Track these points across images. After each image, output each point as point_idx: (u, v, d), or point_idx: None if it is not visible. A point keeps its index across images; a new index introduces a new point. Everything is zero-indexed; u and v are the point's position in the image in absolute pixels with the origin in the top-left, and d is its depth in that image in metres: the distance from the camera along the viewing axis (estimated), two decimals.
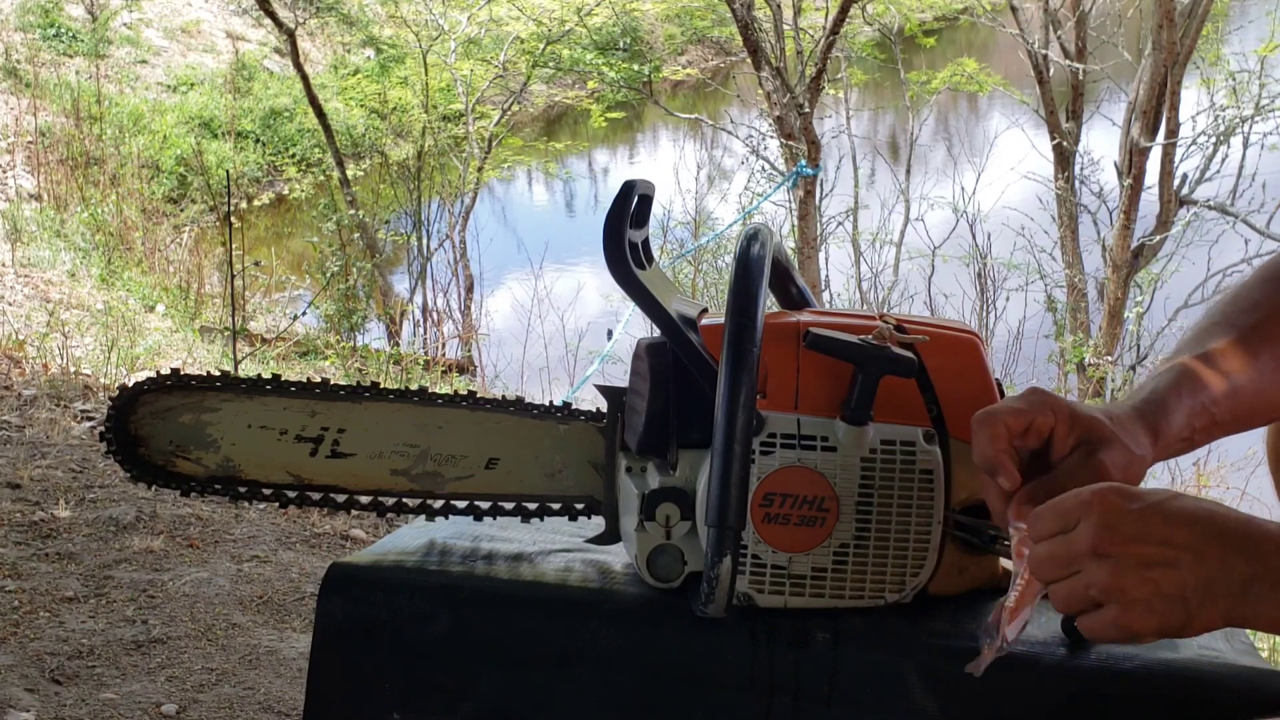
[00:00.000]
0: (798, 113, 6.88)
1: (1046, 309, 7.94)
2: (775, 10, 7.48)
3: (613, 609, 1.02)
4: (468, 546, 1.13)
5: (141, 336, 5.49)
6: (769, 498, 0.98)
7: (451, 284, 9.05)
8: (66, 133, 9.62)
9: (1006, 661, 0.94)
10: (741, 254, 0.97)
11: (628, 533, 1.06)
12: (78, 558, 2.90)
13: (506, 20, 11.05)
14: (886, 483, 0.98)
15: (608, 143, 13.52)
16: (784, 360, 0.99)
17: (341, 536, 3.24)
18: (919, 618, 1.00)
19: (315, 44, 13.78)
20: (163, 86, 12.41)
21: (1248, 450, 5.24)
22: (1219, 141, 7.37)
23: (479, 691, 1.02)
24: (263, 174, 11.73)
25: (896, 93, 10.33)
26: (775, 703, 0.98)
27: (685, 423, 1.02)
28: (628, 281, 1.02)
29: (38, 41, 11.52)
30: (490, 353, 8.17)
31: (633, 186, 1.04)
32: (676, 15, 14.04)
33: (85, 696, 2.32)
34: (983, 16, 9.61)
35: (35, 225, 7.54)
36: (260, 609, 2.75)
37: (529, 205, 12.55)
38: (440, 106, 10.67)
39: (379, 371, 6.38)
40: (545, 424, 1.14)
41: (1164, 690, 0.93)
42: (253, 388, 1.12)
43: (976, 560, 1.03)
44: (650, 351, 1.05)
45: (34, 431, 3.71)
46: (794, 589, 0.99)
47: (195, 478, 1.13)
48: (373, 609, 1.04)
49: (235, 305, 5.76)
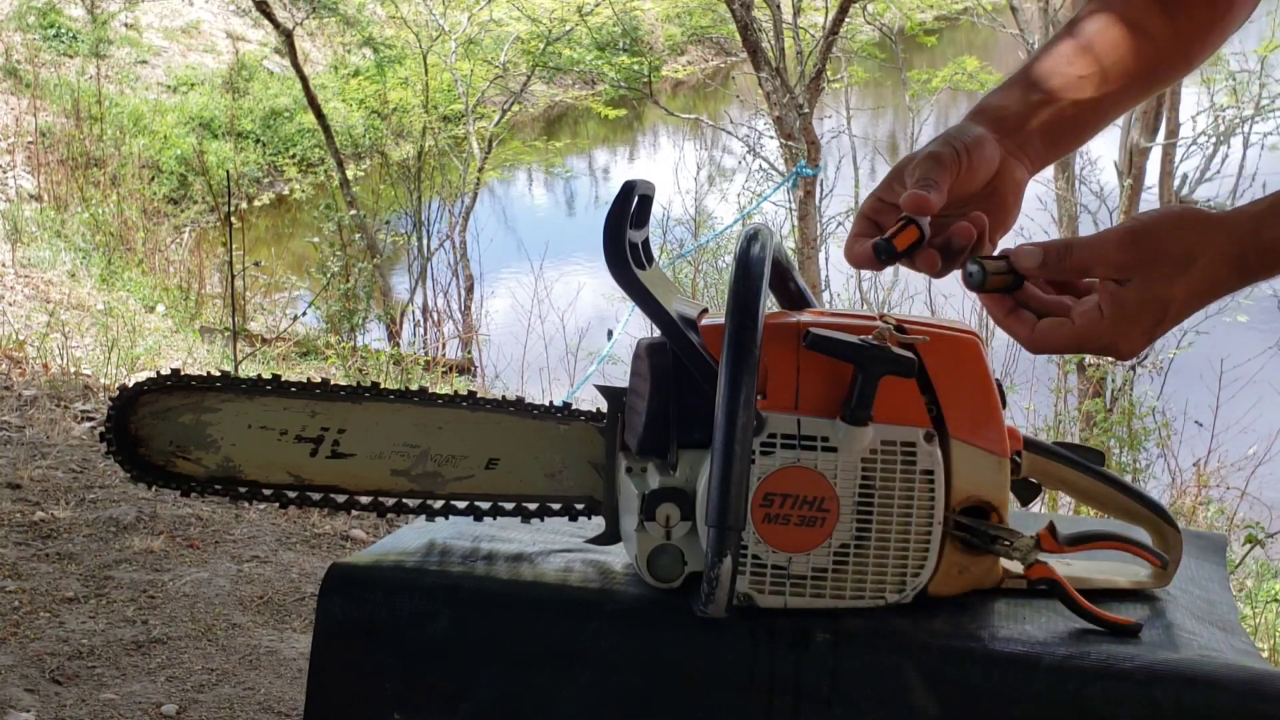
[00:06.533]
0: (797, 113, 6.88)
1: None
2: (775, 10, 7.48)
3: (613, 609, 1.02)
4: (468, 547, 1.13)
5: (142, 337, 5.49)
6: (769, 498, 0.98)
7: (451, 284, 9.05)
8: (67, 133, 9.62)
9: (1007, 661, 0.95)
10: (741, 254, 0.97)
11: (628, 533, 1.06)
12: (78, 558, 2.90)
13: (506, 20, 11.05)
14: (886, 483, 0.98)
15: (608, 143, 13.52)
16: (784, 360, 0.99)
17: (341, 537, 3.24)
18: (919, 618, 1.00)
19: (315, 44, 13.78)
20: (163, 87, 12.42)
21: (1248, 450, 5.24)
22: (1219, 141, 7.37)
23: (479, 691, 1.02)
24: (263, 174, 11.73)
25: (897, 92, 10.33)
26: (775, 703, 0.98)
27: (685, 423, 1.02)
28: (628, 281, 1.02)
29: (38, 42, 11.52)
30: (490, 353, 8.17)
31: (633, 187, 1.04)
32: (676, 15, 14.05)
33: (85, 697, 2.32)
34: (983, 17, 9.60)
35: (35, 225, 7.54)
36: (260, 609, 2.75)
37: (529, 205, 12.55)
38: (440, 107, 10.67)
39: (379, 372, 6.39)
40: (545, 424, 1.14)
41: (1164, 690, 0.93)
42: (253, 388, 1.12)
43: (976, 560, 1.03)
44: (650, 351, 1.05)
45: (34, 432, 3.71)
46: (794, 589, 0.99)
47: (195, 478, 1.13)
48: (373, 609, 1.04)
49: (235, 305, 5.76)
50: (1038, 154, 0.96)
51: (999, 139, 0.94)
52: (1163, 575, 1.11)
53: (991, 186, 0.94)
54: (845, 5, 6.96)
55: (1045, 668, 0.95)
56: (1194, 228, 0.82)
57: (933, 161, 0.92)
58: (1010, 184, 0.94)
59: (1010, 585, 1.05)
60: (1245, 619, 3.44)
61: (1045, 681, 0.94)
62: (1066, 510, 4.29)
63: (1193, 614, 1.07)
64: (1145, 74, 0.96)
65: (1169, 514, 1.12)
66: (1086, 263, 0.86)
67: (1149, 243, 0.82)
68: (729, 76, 13.16)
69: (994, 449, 1.00)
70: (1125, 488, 1.12)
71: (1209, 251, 0.81)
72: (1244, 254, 0.81)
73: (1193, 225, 0.82)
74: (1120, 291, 0.84)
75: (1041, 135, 0.96)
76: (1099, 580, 1.09)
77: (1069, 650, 0.96)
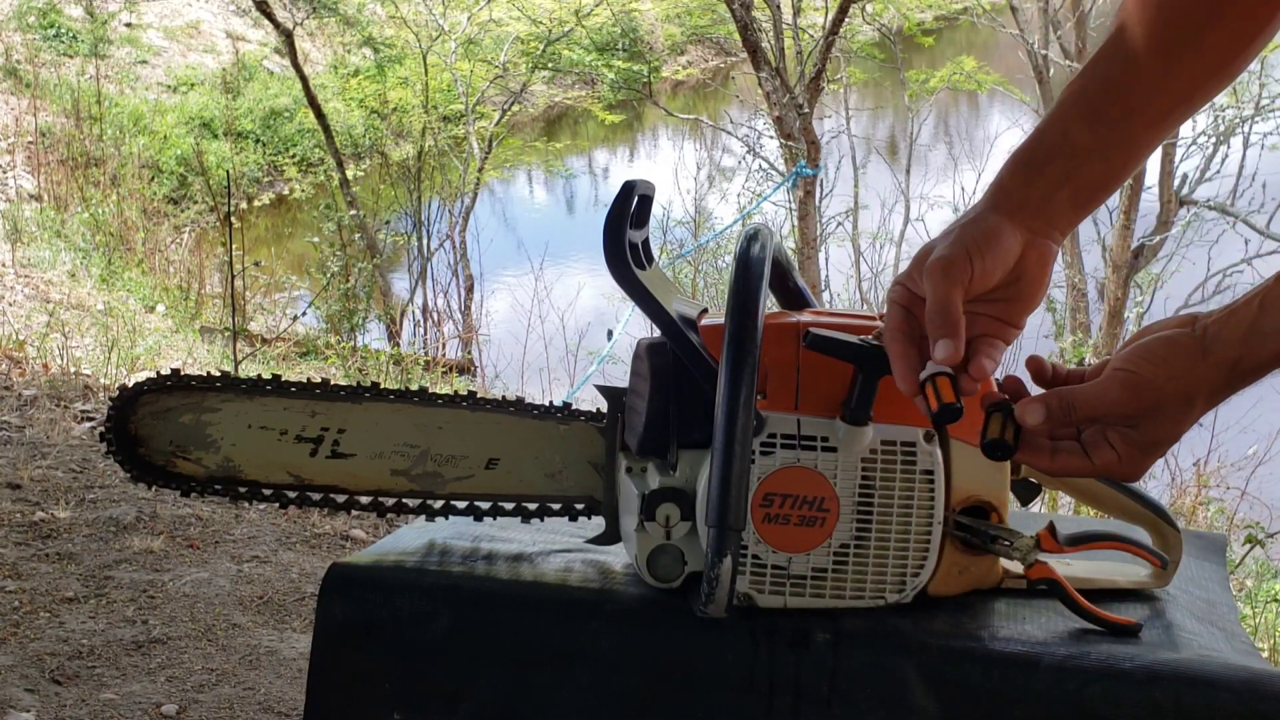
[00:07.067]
0: (797, 113, 6.88)
1: (1046, 309, 7.93)
2: (775, 10, 7.48)
3: (613, 609, 1.02)
4: (468, 547, 1.13)
5: (142, 337, 5.49)
6: (769, 498, 0.98)
7: (451, 284, 9.05)
8: (66, 133, 9.62)
9: (1007, 661, 0.94)
10: (741, 254, 0.97)
11: (628, 533, 1.06)
12: (78, 558, 2.90)
13: (506, 21, 11.05)
14: (886, 483, 0.98)
15: (608, 143, 13.52)
16: (784, 360, 0.99)
17: (341, 537, 3.24)
18: (919, 618, 1.00)
19: (315, 44, 13.78)
20: (163, 87, 12.41)
21: (1248, 450, 5.24)
22: (1219, 141, 7.37)
23: (479, 691, 1.02)
24: (263, 174, 11.73)
25: (896, 92, 10.33)
26: (775, 703, 0.98)
27: (685, 423, 1.02)
28: (628, 282, 1.02)
29: (38, 42, 11.52)
30: (490, 353, 8.17)
31: (633, 187, 1.04)
32: (676, 15, 14.05)
33: (85, 697, 2.32)
34: (982, 17, 9.60)
35: (35, 225, 7.54)
36: (260, 609, 2.75)
37: (529, 205, 12.55)
38: (440, 107, 10.67)
39: (379, 372, 6.38)
40: (545, 424, 1.14)
41: (1164, 690, 0.93)
42: (253, 388, 1.12)
43: (976, 560, 1.03)
44: (650, 351, 1.05)
45: (34, 432, 3.71)
46: (794, 589, 0.99)
47: (195, 478, 1.13)
48: (373, 609, 1.04)
49: (235, 305, 5.76)
50: (1068, 221, 0.94)
51: (1023, 224, 0.92)
52: (1163, 575, 1.11)
53: (1015, 273, 0.92)
54: (845, 5, 6.96)
55: (1045, 668, 0.95)
56: (1188, 371, 0.86)
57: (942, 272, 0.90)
58: (1035, 263, 0.92)
59: (1010, 585, 1.05)
60: (1245, 619, 3.44)
61: (1045, 681, 0.94)
62: (1066, 510, 4.29)
63: (1193, 614, 1.07)
64: (1182, 100, 0.93)
65: (1169, 514, 1.12)
66: (1091, 416, 0.89)
67: (1149, 393, 0.86)
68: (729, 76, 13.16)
69: None
70: (1125, 488, 1.12)
71: (1204, 388, 0.86)
72: (1233, 379, 0.87)
73: (1185, 367, 0.86)
74: (1132, 434, 0.88)
75: (1070, 203, 0.93)
76: (1099, 580, 1.09)
77: (1069, 650, 0.96)
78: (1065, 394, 0.89)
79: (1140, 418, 0.87)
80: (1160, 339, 0.88)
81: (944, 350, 0.88)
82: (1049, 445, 0.91)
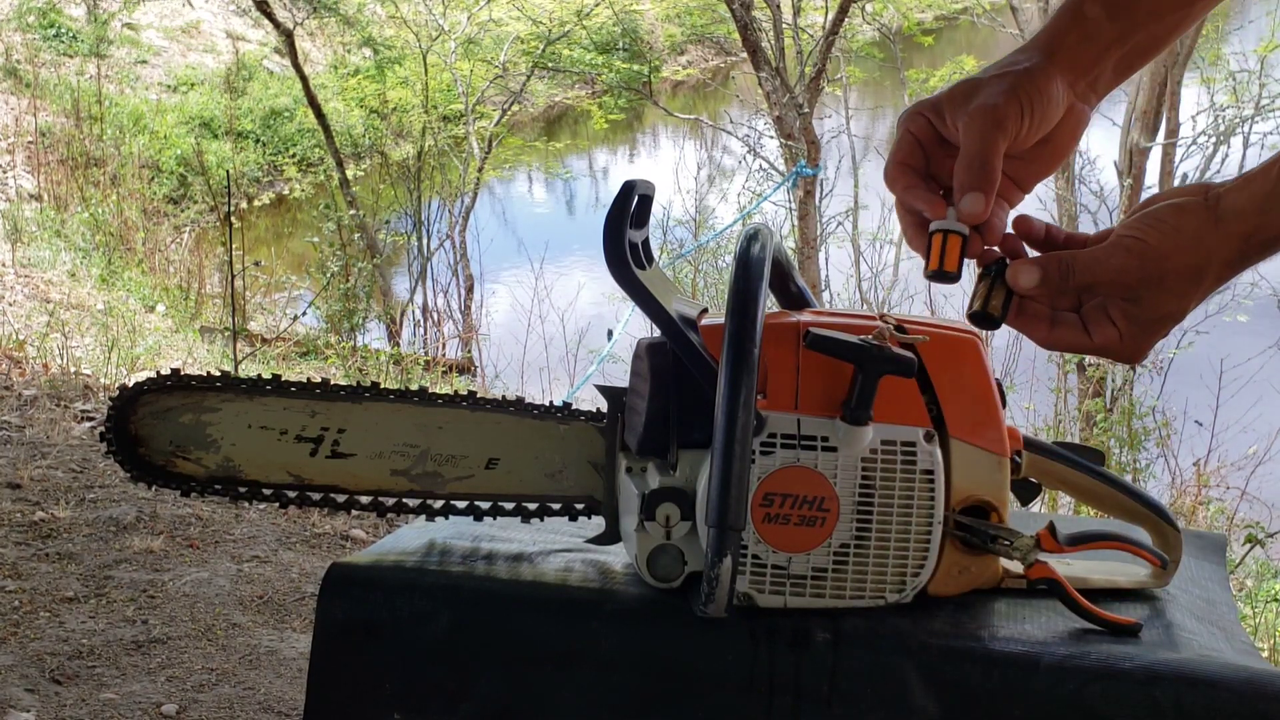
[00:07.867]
0: (797, 113, 6.88)
1: None
2: (775, 10, 7.48)
3: (613, 609, 1.02)
4: (468, 546, 1.13)
5: (142, 337, 5.49)
6: (769, 498, 0.98)
7: (451, 284, 9.05)
8: (66, 133, 9.62)
9: (1007, 661, 0.94)
10: (741, 254, 0.97)
11: (628, 533, 1.06)
12: (78, 558, 2.90)
13: (506, 21, 11.05)
14: (886, 483, 0.98)
15: (608, 143, 13.52)
16: (784, 360, 0.99)
17: (341, 536, 3.24)
18: (919, 618, 1.00)
19: (315, 44, 13.78)
20: (163, 87, 12.41)
21: (1248, 450, 5.24)
22: (1219, 141, 7.37)
23: (479, 691, 1.02)
24: (263, 174, 11.73)
25: (896, 92, 10.33)
26: (775, 703, 0.98)
27: (685, 423, 1.02)
28: (628, 281, 1.01)
29: (38, 42, 11.52)
30: (490, 353, 8.17)
31: (633, 186, 1.04)
32: (676, 15, 14.05)
33: (85, 696, 2.32)
34: (982, 17, 9.60)
35: (35, 225, 7.54)
36: (260, 609, 2.75)
37: (529, 205, 12.55)
38: (440, 107, 10.67)
39: (379, 371, 6.39)
40: (545, 424, 1.14)
41: (1164, 690, 0.93)
42: (253, 388, 1.12)
43: (976, 560, 1.03)
44: (650, 351, 1.05)
45: (34, 431, 3.71)
46: (794, 589, 0.99)
47: (195, 478, 1.13)
48: (373, 609, 1.04)
49: (235, 305, 5.76)
50: (1107, 86, 0.88)
51: (1071, 81, 0.85)
52: (1163, 575, 1.11)
53: (1049, 134, 0.86)
54: (845, 5, 6.96)
55: (1045, 668, 0.95)
56: (1198, 240, 0.80)
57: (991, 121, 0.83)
58: (1071, 126, 0.86)
59: (1010, 585, 1.05)
60: (1245, 619, 3.44)
61: (1045, 681, 0.94)
62: (1066, 510, 4.29)
63: (1193, 614, 1.07)
64: None
65: (1169, 514, 1.12)
66: (1089, 283, 0.83)
67: (1155, 262, 0.80)
68: (729, 76, 13.16)
69: (994, 449, 1.00)
70: (1125, 487, 1.12)
71: (1215, 260, 0.80)
72: (1247, 252, 0.80)
73: (1195, 236, 0.80)
74: (1133, 310, 0.83)
75: (1116, 67, 0.88)
76: (1099, 580, 1.09)
77: (1069, 650, 0.96)
78: (1064, 257, 0.84)
79: (1143, 289, 0.82)
80: (1170, 205, 0.81)
81: (972, 204, 0.82)
82: (1048, 315, 0.86)
